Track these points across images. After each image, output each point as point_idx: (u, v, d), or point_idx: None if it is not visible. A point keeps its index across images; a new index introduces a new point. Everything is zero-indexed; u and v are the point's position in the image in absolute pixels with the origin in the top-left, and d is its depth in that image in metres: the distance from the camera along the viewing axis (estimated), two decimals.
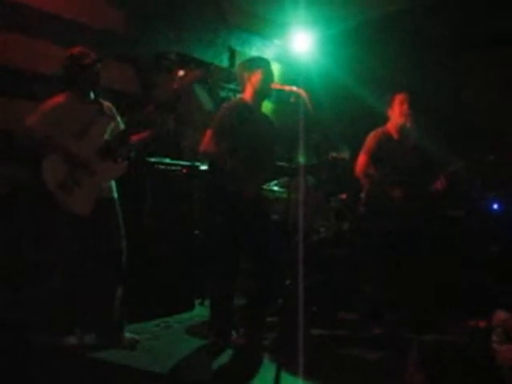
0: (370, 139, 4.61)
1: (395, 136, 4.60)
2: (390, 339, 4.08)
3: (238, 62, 5.95)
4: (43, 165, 3.54)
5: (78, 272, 3.69)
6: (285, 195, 4.25)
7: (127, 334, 3.85)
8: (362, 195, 4.65)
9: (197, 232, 4.97)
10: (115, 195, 3.83)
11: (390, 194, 4.43)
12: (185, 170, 4.86)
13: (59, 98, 3.65)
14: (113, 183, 3.83)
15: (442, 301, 4.49)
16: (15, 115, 3.77)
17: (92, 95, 3.77)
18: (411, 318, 4.33)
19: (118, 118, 3.90)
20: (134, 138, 3.83)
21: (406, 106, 4.52)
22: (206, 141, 3.77)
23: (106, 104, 3.86)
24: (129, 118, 3.88)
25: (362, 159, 4.57)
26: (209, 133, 3.78)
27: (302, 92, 3.63)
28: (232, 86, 5.90)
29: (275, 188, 4.97)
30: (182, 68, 4.29)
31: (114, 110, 3.91)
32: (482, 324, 3.58)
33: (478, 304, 4.17)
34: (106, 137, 3.73)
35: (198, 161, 4.89)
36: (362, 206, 4.66)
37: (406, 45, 5.95)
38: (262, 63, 4.01)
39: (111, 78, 3.84)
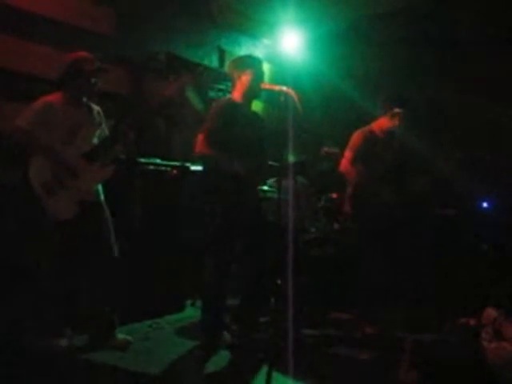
0: (356, 137, 4.64)
1: (380, 136, 4.63)
2: (382, 339, 4.10)
3: (227, 61, 5.94)
4: (30, 166, 3.53)
5: (68, 274, 3.69)
6: (275, 195, 4.26)
7: (119, 335, 3.84)
8: (349, 192, 4.67)
9: (188, 232, 4.96)
10: (102, 198, 3.81)
11: (376, 192, 4.46)
12: (175, 171, 4.85)
13: (51, 98, 3.64)
14: (99, 187, 3.82)
15: (433, 299, 4.52)
16: (6, 117, 3.75)
17: (84, 99, 3.76)
18: (403, 317, 4.35)
19: (104, 125, 3.89)
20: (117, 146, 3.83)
21: (398, 122, 4.56)
22: (200, 142, 3.75)
23: (96, 109, 3.86)
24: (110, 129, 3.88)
25: (347, 156, 4.60)
26: (201, 134, 3.77)
27: (291, 91, 3.63)
28: (221, 86, 5.90)
29: (266, 187, 4.97)
30: (172, 71, 4.29)
31: (102, 115, 3.90)
32: (472, 322, 3.61)
33: (469, 302, 4.20)
34: (94, 141, 3.72)
35: (190, 161, 4.87)
36: (349, 205, 4.68)
37: (396, 44, 5.96)
38: (252, 62, 3.99)
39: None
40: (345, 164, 4.57)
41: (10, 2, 4.31)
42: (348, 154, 4.59)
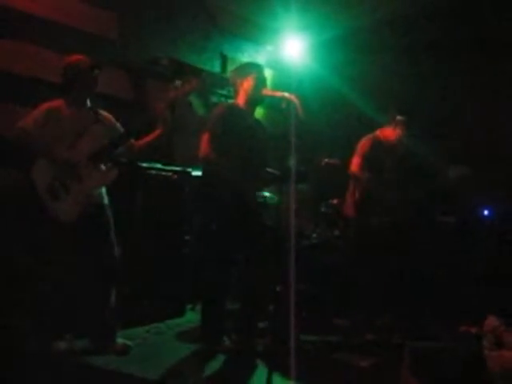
0: (363, 144, 4.69)
1: (385, 143, 4.67)
2: (383, 345, 4.09)
3: (229, 67, 5.95)
4: (33, 168, 3.54)
5: (69, 277, 3.68)
6: (276, 201, 4.26)
7: (119, 340, 3.83)
8: (356, 195, 4.68)
9: (188, 237, 4.96)
10: (106, 201, 3.82)
11: (384, 198, 4.48)
12: (176, 176, 4.85)
13: (54, 103, 3.65)
14: (103, 189, 3.82)
15: (434, 306, 4.51)
16: (10, 120, 3.75)
17: (88, 103, 3.77)
18: (404, 324, 4.34)
19: (117, 125, 3.89)
20: (138, 143, 3.85)
21: (402, 131, 4.61)
22: (204, 146, 3.75)
23: (105, 114, 3.87)
24: (134, 120, 3.88)
25: (356, 161, 4.62)
26: (205, 137, 3.76)
27: (293, 98, 3.63)
28: (224, 92, 5.91)
29: (267, 194, 4.96)
30: (177, 76, 4.29)
31: (114, 119, 3.91)
32: (474, 330, 3.59)
33: (470, 310, 4.18)
34: (100, 144, 3.72)
35: (191, 166, 4.87)
36: (354, 210, 4.69)
37: (397, 51, 5.97)
38: (254, 69, 4.01)
39: (103, 82, 3.82)
40: (354, 166, 4.59)
41: (13, 5, 4.33)
42: (356, 159, 4.62)
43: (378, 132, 4.76)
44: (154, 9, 5.44)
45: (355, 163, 4.62)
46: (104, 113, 3.88)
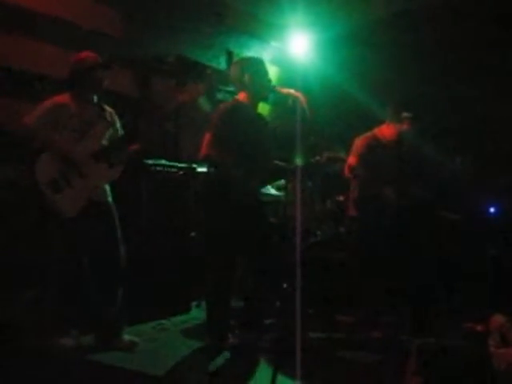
0: (359, 143, 4.70)
1: (384, 141, 4.68)
2: (388, 342, 4.08)
3: None
4: (37, 163, 3.54)
5: (74, 273, 3.69)
6: (282, 198, 4.25)
7: (126, 336, 3.84)
8: (353, 196, 4.69)
9: (193, 234, 4.96)
10: (110, 199, 3.82)
11: (381, 195, 4.48)
12: (182, 172, 4.85)
13: (61, 98, 3.67)
14: (107, 187, 3.83)
15: (439, 304, 4.50)
16: (15, 116, 3.77)
17: (95, 99, 3.79)
18: (409, 321, 4.34)
19: (118, 125, 3.90)
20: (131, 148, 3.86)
21: (406, 126, 4.61)
22: (206, 145, 3.75)
23: (108, 109, 3.88)
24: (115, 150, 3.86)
25: (351, 161, 4.63)
26: (208, 136, 3.76)
27: (299, 94, 3.62)
28: (230, 89, 5.90)
29: (272, 190, 4.96)
30: (181, 73, 4.31)
31: (115, 116, 3.92)
32: (479, 328, 3.59)
33: (476, 307, 4.18)
34: (104, 141, 3.73)
35: (197, 163, 4.88)
36: (354, 209, 4.69)
37: (404, 47, 5.95)
38: (254, 63, 3.97)
39: (108, 80, 3.83)
40: (349, 168, 4.61)
41: (19, 2, 4.34)
42: (352, 159, 4.63)
43: (375, 130, 4.76)
44: (159, 6, 5.44)
45: (351, 163, 4.63)
46: (109, 109, 3.89)
